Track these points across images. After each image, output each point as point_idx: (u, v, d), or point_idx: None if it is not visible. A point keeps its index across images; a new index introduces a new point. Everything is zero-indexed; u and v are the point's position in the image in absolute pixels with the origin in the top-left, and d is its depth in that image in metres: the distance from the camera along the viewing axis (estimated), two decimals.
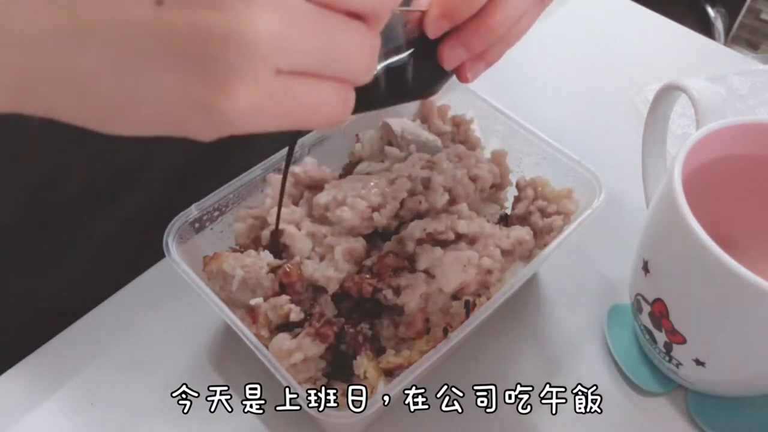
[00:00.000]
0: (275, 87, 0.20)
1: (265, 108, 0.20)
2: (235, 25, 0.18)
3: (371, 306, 0.38)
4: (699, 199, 0.33)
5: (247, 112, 0.20)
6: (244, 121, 0.20)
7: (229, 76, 0.19)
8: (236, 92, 0.19)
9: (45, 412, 0.40)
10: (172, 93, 0.19)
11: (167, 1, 0.18)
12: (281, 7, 0.19)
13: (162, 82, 0.19)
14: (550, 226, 0.41)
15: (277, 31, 0.19)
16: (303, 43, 0.20)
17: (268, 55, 0.19)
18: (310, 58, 0.21)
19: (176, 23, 0.18)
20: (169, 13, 0.18)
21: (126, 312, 0.44)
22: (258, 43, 0.19)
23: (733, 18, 1.43)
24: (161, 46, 0.18)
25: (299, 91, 0.21)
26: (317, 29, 0.21)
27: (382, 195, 0.39)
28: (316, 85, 0.22)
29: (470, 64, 0.31)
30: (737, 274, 0.30)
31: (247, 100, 0.19)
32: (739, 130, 0.37)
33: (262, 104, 0.20)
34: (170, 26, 0.18)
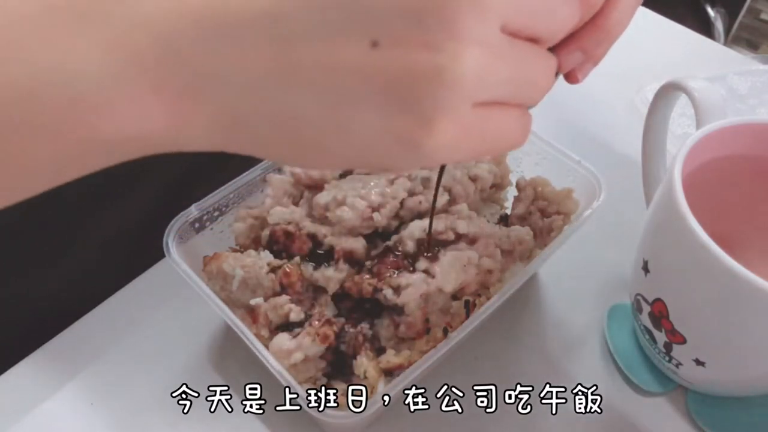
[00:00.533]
0: (472, 120, 0.21)
1: (462, 141, 0.21)
2: (445, 64, 0.19)
3: (371, 306, 0.38)
4: (699, 199, 0.33)
5: (446, 146, 0.20)
6: (443, 154, 0.21)
7: (434, 114, 0.19)
8: (438, 128, 0.20)
9: (45, 411, 0.40)
10: (377, 130, 0.20)
11: (382, 43, 0.18)
12: (484, 42, 0.19)
13: (368, 121, 0.20)
14: (550, 226, 0.41)
15: (480, 68, 0.19)
16: (501, 75, 0.21)
17: (470, 92, 0.20)
18: (503, 89, 0.21)
19: (389, 65, 0.19)
20: (384, 55, 0.19)
21: (126, 312, 0.44)
22: (464, 81, 0.19)
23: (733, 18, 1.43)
24: (372, 86, 0.19)
25: (492, 121, 0.22)
26: (511, 60, 0.21)
27: (382, 195, 0.39)
28: (505, 114, 0.22)
29: (582, 66, 0.31)
30: (737, 274, 0.30)
31: (448, 134, 0.20)
32: (739, 130, 0.37)
33: (460, 138, 0.20)
34: (383, 68, 0.19)
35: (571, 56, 0.29)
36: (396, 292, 0.36)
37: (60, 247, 0.46)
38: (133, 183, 0.48)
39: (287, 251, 0.38)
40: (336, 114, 0.20)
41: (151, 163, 0.47)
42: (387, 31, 0.18)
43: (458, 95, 0.19)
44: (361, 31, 0.18)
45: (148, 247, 0.42)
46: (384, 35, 0.18)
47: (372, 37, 0.18)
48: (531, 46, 0.22)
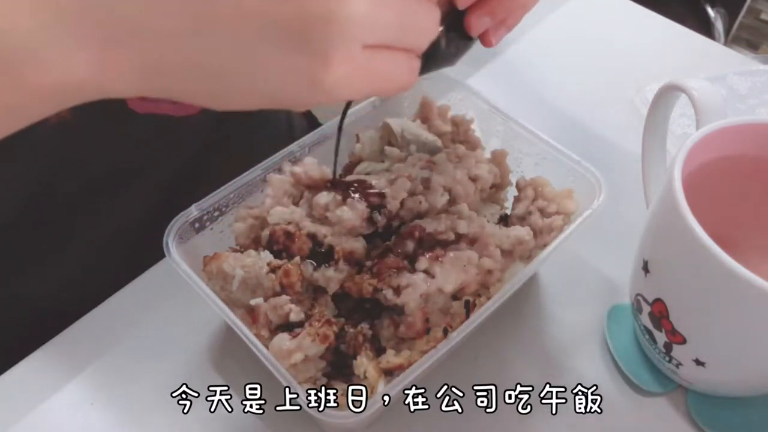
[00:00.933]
0: (362, 59, 0.23)
1: (355, 78, 0.24)
2: (335, 8, 0.22)
3: (371, 306, 0.38)
4: (699, 199, 0.33)
5: (340, 82, 0.23)
6: (338, 89, 0.23)
7: (329, 52, 0.22)
8: (333, 64, 0.22)
9: (45, 411, 0.40)
10: (281, 69, 0.23)
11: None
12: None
13: (273, 61, 0.22)
14: (550, 226, 0.41)
15: (367, 12, 0.22)
16: (386, 20, 0.24)
17: (359, 33, 0.23)
18: (390, 33, 0.24)
19: (286, 11, 0.21)
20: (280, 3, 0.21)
21: (126, 312, 0.44)
22: (352, 23, 0.22)
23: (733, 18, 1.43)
24: (275, 30, 0.22)
25: (379, 62, 0.24)
26: (397, 7, 0.24)
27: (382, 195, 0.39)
28: (392, 57, 0.25)
29: (494, 30, 0.33)
30: (737, 274, 0.30)
31: (342, 71, 0.23)
32: (739, 130, 0.37)
33: (352, 75, 0.23)
34: (284, 13, 0.21)
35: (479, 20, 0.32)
36: (396, 292, 0.36)
37: (60, 247, 0.46)
38: (133, 183, 0.48)
39: (287, 251, 0.38)
40: (246, 57, 0.22)
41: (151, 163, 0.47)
42: None
43: (348, 35, 0.22)
44: None
45: (148, 247, 0.42)
46: None
47: None
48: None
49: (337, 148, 0.40)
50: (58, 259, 0.46)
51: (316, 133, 0.44)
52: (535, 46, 0.65)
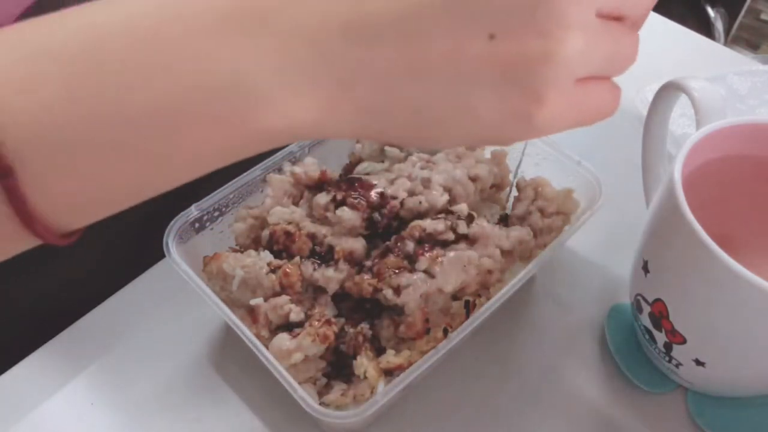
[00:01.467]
0: (574, 94, 0.24)
1: (566, 114, 0.24)
2: (553, 48, 0.22)
3: (371, 306, 0.38)
4: (699, 199, 0.33)
5: (553, 120, 0.24)
6: (550, 125, 0.24)
7: (544, 91, 0.23)
8: (548, 102, 0.23)
9: (45, 411, 0.40)
10: (495, 109, 0.23)
11: (499, 35, 0.22)
12: (584, 27, 0.22)
13: (488, 101, 0.23)
14: (550, 226, 0.41)
15: (582, 48, 0.23)
16: (597, 53, 0.24)
17: (573, 69, 0.23)
18: (599, 65, 0.25)
19: (505, 53, 0.22)
20: (501, 45, 0.22)
21: (126, 312, 0.44)
22: (568, 61, 0.22)
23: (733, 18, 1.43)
24: (491, 72, 0.22)
25: (589, 95, 0.25)
26: (607, 39, 0.24)
27: (382, 195, 0.39)
28: (599, 88, 0.26)
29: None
30: (737, 274, 0.30)
31: (556, 107, 0.23)
32: (739, 130, 0.37)
33: (565, 109, 0.24)
34: (500, 56, 0.22)
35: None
36: (396, 292, 0.36)
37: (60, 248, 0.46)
38: None
39: (287, 251, 0.38)
40: (460, 98, 0.23)
41: None
42: (502, 24, 0.21)
43: (564, 73, 0.23)
44: (480, 26, 0.21)
45: (148, 247, 0.42)
46: (500, 28, 0.21)
47: (490, 31, 0.22)
48: (620, 25, 0.25)
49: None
50: (58, 259, 0.46)
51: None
52: None
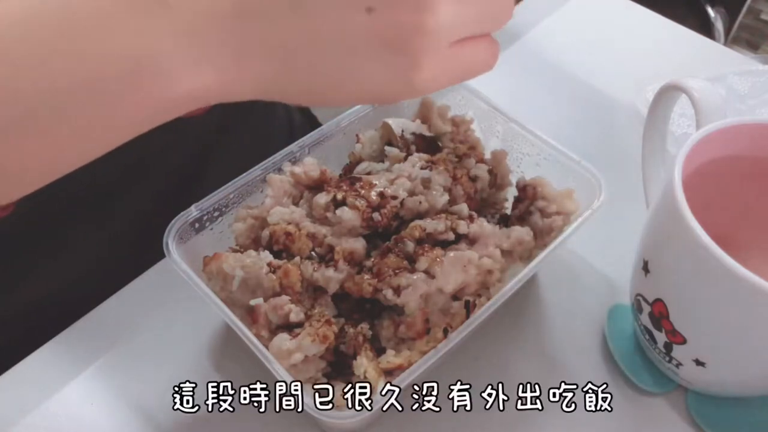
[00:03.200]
0: (449, 56, 0.27)
1: (443, 74, 0.27)
2: (426, 19, 0.25)
3: (371, 306, 0.38)
4: (699, 199, 0.33)
5: (430, 80, 0.27)
6: (428, 85, 0.27)
7: (420, 56, 0.26)
8: (424, 66, 0.26)
9: (45, 411, 0.40)
10: (379, 72, 0.26)
11: (377, 9, 0.24)
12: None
13: (373, 66, 0.26)
14: (550, 226, 0.41)
15: (452, 17, 0.25)
16: (468, 17, 0.27)
17: (445, 34, 0.26)
18: (471, 28, 0.27)
19: (384, 24, 0.25)
20: (379, 17, 0.25)
21: (126, 312, 0.44)
22: (439, 29, 0.25)
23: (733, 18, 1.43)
24: (373, 41, 0.25)
25: (464, 55, 0.28)
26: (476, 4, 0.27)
27: (382, 195, 0.39)
28: (474, 46, 0.28)
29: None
30: (737, 274, 0.30)
31: (432, 70, 0.26)
32: (739, 130, 0.37)
33: (440, 72, 0.27)
34: (378, 26, 0.25)
35: None
36: (396, 293, 0.36)
37: (60, 248, 0.46)
38: (134, 183, 0.48)
39: (287, 251, 0.38)
40: (349, 65, 0.26)
41: (152, 163, 0.47)
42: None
43: (437, 41, 0.26)
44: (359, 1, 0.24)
45: (148, 247, 0.42)
46: (377, 2, 0.24)
47: (368, 4, 0.24)
48: None
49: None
50: (58, 259, 0.46)
51: (316, 133, 0.44)
52: (535, 46, 0.65)
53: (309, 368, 0.35)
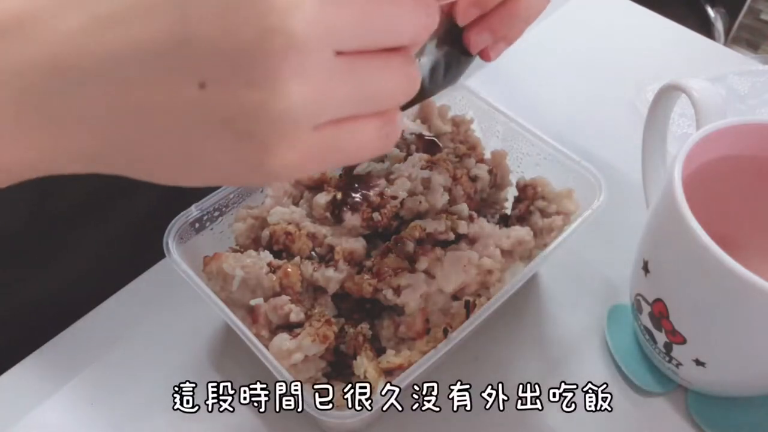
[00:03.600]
0: (315, 141, 0.22)
1: (306, 161, 0.22)
2: (267, 99, 0.20)
3: (371, 306, 0.38)
4: (699, 200, 0.33)
5: (291, 166, 0.22)
6: (290, 172, 0.22)
7: (270, 142, 0.21)
8: (278, 152, 0.21)
9: (45, 411, 0.40)
10: (224, 157, 0.22)
11: (209, 84, 0.20)
12: (309, 73, 0.20)
13: (215, 150, 0.21)
14: (550, 226, 0.41)
15: (309, 96, 0.20)
16: (336, 97, 0.21)
17: (302, 118, 0.21)
18: (347, 107, 0.22)
19: (219, 102, 0.20)
20: (213, 94, 0.20)
21: (126, 312, 0.44)
22: (290, 112, 0.20)
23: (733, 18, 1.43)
24: (209, 122, 0.21)
25: (341, 137, 0.22)
26: (351, 81, 0.22)
27: (382, 195, 0.39)
28: (358, 126, 0.23)
29: (494, 45, 0.32)
30: (737, 274, 0.30)
31: (291, 157, 0.21)
32: (739, 130, 0.37)
33: (303, 157, 0.22)
34: (214, 104, 0.20)
35: (479, 37, 0.31)
36: (396, 292, 0.36)
37: (61, 248, 0.46)
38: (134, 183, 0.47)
39: (287, 251, 0.38)
40: (182, 147, 0.22)
41: None
42: (212, 72, 0.20)
43: (289, 125, 0.21)
44: (189, 73, 0.20)
45: (148, 247, 0.42)
46: (210, 77, 0.20)
47: (200, 79, 0.20)
48: (376, 59, 0.22)
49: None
50: (59, 260, 0.46)
51: None
52: (535, 46, 0.65)
53: (309, 368, 0.35)
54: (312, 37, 0.20)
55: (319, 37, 0.20)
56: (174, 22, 0.20)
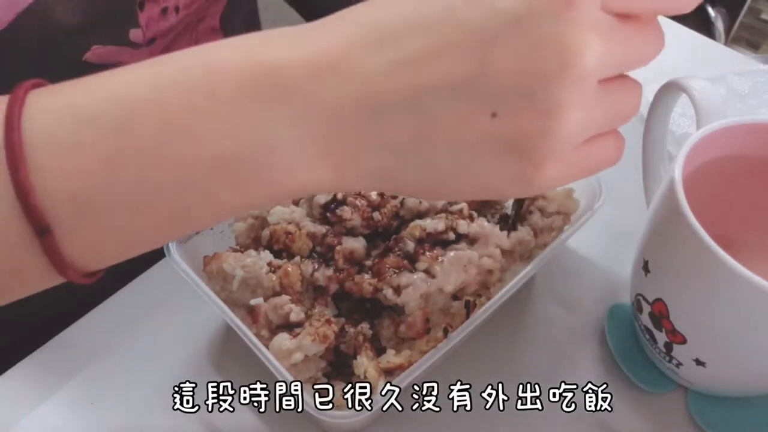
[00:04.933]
0: (574, 158, 0.25)
1: (566, 174, 0.26)
2: (551, 125, 0.23)
3: (371, 306, 0.38)
4: (699, 199, 0.33)
5: (553, 180, 0.25)
6: (549, 185, 0.26)
7: (542, 160, 0.24)
8: (546, 169, 0.25)
9: (45, 411, 0.40)
10: (498, 175, 0.25)
11: (500, 113, 0.23)
12: (583, 102, 0.24)
13: (492, 169, 0.25)
14: (550, 225, 0.41)
15: (580, 121, 0.24)
16: (596, 120, 0.25)
17: (571, 139, 0.24)
18: (599, 128, 0.26)
19: (507, 129, 0.24)
20: (503, 122, 0.23)
21: (126, 312, 0.44)
22: (565, 134, 0.24)
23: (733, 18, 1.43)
24: (494, 146, 0.24)
25: (591, 152, 0.26)
26: (606, 104, 0.25)
27: (382, 195, 0.39)
28: (602, 143, 0.27)
29: None
30: (737, 274, 0.30)
31: (554, 172, 0.25)
32: (739, 130, 0.37)
33: (563, 172, 0.25)
34: (502, 131, 0.24)
35: None
36: (396, 292, 0.36)
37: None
38: None
39: (287, 251, 0.38)
40: (464, 167, 0.25)
41: None
42: (504, 104, 0.23)
43: (561, 146, 0.24)
44: (484, 105, 0.23)
45: None
46: (501, 107, 0.23)
47: (492, 110, 0.23)
48: (621, 84, 0.26)
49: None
50: None
51: None
52: None
53: (309, 368, 0.35)
54: (592, 71, 0.23)
55: (595, 71, 0.23)
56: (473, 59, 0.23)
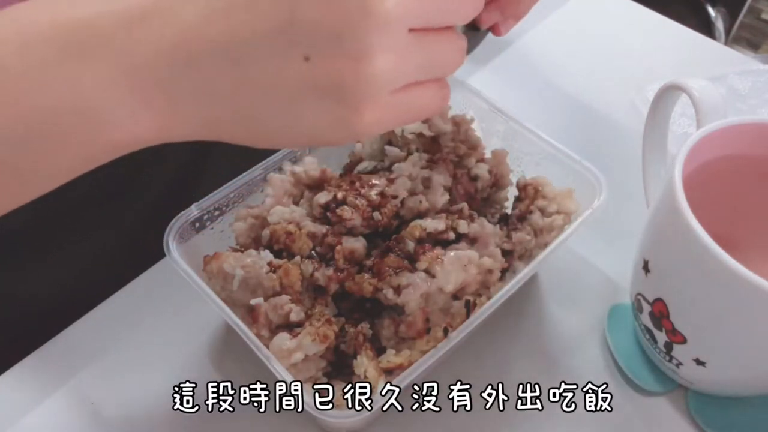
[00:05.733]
0: (391, 102, 0.27)
1: (385, 119, 0.27)
2: (362, 69, 0.25)
3: (371, 306, 0.38)
4: (699, 199, 0.33)
5: (372, 125, 0.27)
6: (371, 129, 0.27)
7: (359, 103, 0.26)
8: (364, 113, 0.26)
9: (45, 411, 0.40)
10: (319, 119, 0.26)
11: (313, 57, 0.25)
12: (392, 46, 0.25)
13: (312, 113, 0.26)
14: (550, 225, 0.41)
15: (390, 66, 0.25)
16: (409, 66, 0.27)
17: (384, 83, 0.26)
18: (415, 75, 0.27)
19: (320, 72, 0.25)
20: (316, 66, 0.25)
21: (126, 312, 0.44)
22: (377, 77, 0.25)
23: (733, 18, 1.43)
24: (311, 89, 0.25)
25: (409, 100, 0.28)
26: (420, 52, 0.27)
27: (382, 195, 0.39)
28: (422, 90, 0.28)
29: (503, 21, 0.37)
30: (737, 274, 0.30)
31: (373, 116, 0.26)
32: (739, 130, 0.37)
33: (382, 117, 0.27)
34: (317, 75, 0.25)
35: (489, 14, 0.35)
36: (396, 292, 0.36)
37: (61, 248, 0.46)
38: (134, 183, 0.48)
39: (287, 251, 0.38)
40: (287, 112, 0.26)
41: (152, 164, 0.47)
42: (315, 48, 0.25)
43: (374, 88, 0.26)
44: (296, 50, 0.25)
45: (148, 247, 0.42)
46: (313, 52, 0.25)
47: (305, 54, 0.25)
48: (438, 35, 0.27)
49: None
50: (59, 259, 0.46)
51: None
52: (535, 46, 0.65)
53: (309, 368, 0.35)
54: (396, 17, 0.24)
55: (400, 17, 0.25)
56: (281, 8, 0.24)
